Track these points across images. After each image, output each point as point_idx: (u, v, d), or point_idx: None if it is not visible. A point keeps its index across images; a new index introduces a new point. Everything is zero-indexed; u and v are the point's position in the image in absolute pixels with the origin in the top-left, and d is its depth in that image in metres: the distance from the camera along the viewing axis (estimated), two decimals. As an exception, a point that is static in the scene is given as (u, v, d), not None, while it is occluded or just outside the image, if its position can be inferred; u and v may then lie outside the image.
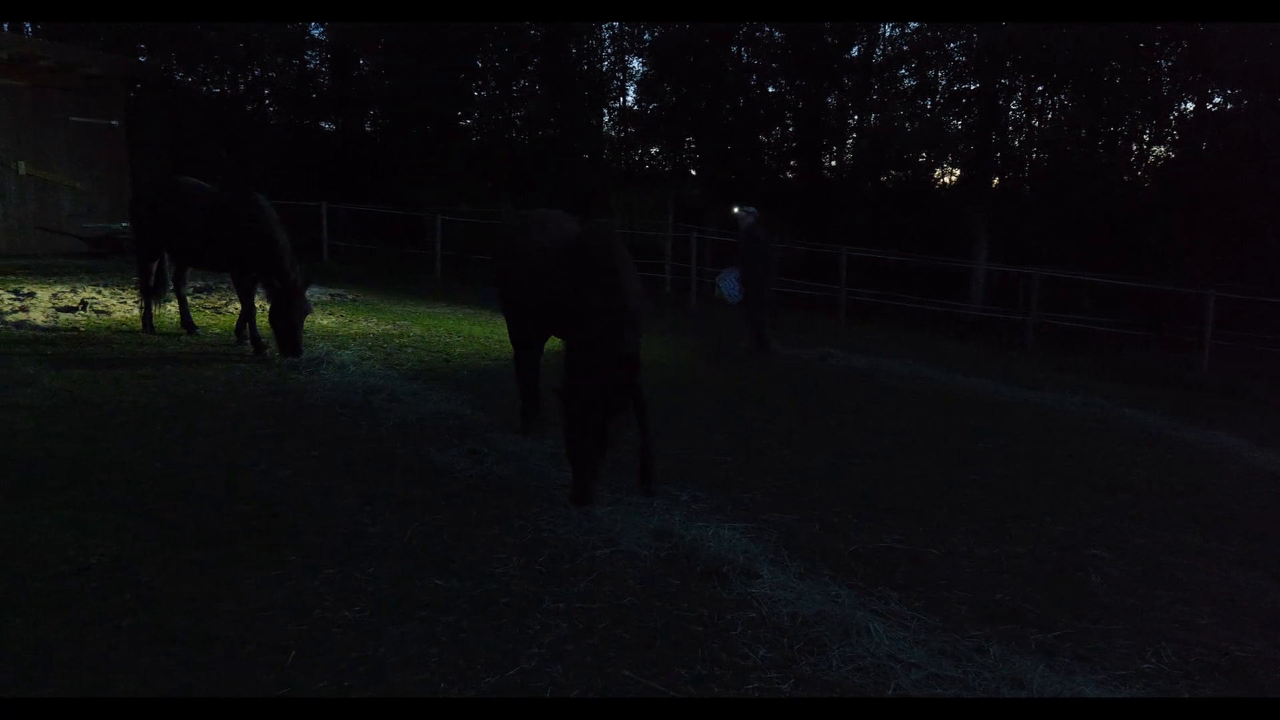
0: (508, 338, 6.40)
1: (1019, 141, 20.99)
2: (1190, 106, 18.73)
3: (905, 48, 21.39)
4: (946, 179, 23.07)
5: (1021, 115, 21.49)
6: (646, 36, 23.85)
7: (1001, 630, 3.70)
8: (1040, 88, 20.27)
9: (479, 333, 10.77)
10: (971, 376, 10.36)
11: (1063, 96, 19.93)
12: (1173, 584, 4.38)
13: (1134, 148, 19.47)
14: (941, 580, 4.21)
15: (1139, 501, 5.78)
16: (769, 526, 4.72)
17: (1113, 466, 6.66)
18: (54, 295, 10.88)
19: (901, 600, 3.91)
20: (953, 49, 19.97)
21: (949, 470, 6.17)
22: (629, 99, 25.74)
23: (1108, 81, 17.88)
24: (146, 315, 9.07)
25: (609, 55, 25.41)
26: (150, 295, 9.08)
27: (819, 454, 6.34)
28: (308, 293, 8.24)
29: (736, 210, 11.22)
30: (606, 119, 26.16)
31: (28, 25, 21.32)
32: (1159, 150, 19.39)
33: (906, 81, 22.27)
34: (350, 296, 13.05)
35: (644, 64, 24.72)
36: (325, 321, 10.54)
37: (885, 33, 21.96)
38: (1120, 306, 16.56)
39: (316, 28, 23.83)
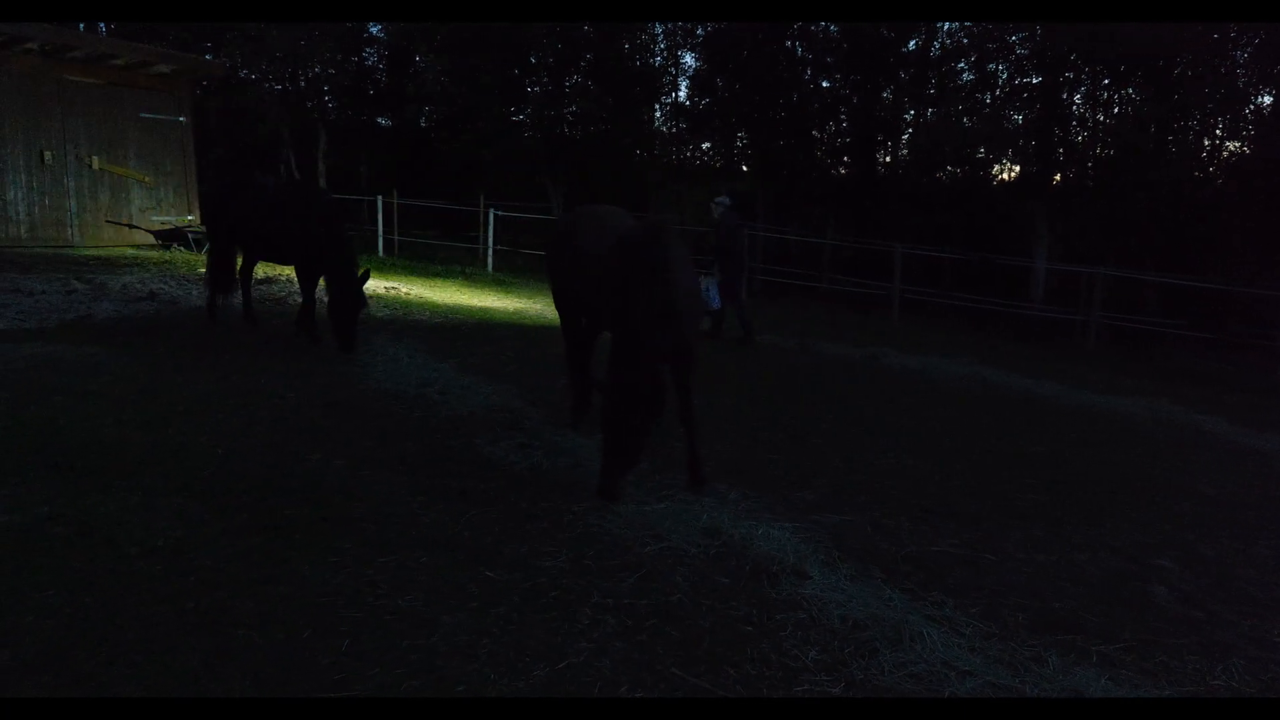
0: (560, 332, 6.44)
1: (1083, 137, 20.36)
2: (1268, 100, 17.97)
3: (965, 40, 20.91)
4: (1005, 175, 22.54)
5: (1085, 109, 20.86)
6: (700, 32, 23.73)
7: (1061, 640, 3.60)
8: (1106, 81, 19.64)
9: (530, 326, 10.86)
10: (1029, 378, 10.12)
11: (1130, 90, 19.29)
12: (1243, 598, 4.22)
13: (1205, 143, 18.76)
14: (997, 587, 4.11)
15: (1207, 511, 5.57)
16: (819, 527, 4.67)
17: (1179, 474, 6.44)
18: (124, 286, 11.27)
19: (956, 606, 3.84)
20: (1014, 41, 19.46)
21: (1005, 474, 6.03)
22: (681, 94, 25.70)
23: (1178, 74, 17.24)
24: (211, 306, 9.34)
25: (661, 51, 25.39)
26: (218, 287, 9.33)
27: (870, 454, 6.25)
28: (364, 287, 8.37)
29: (713, 204, 10.97)
30: (658, 114, 26.14)
31: (102, 26, 22.12)
32: (1233, 145, 18.66)
33: (965, 76, 21.80)
34: (404, 289, 13.26)
35: (697, 59, 24.64)
36: (379, 314, 10.73)
37: (944, 26, 21.51)
38: (1189, 308, 16.00)
39: (375, 26, 24.26)
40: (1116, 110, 19.98)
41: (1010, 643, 3.54)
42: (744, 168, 25.04)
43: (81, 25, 20.70)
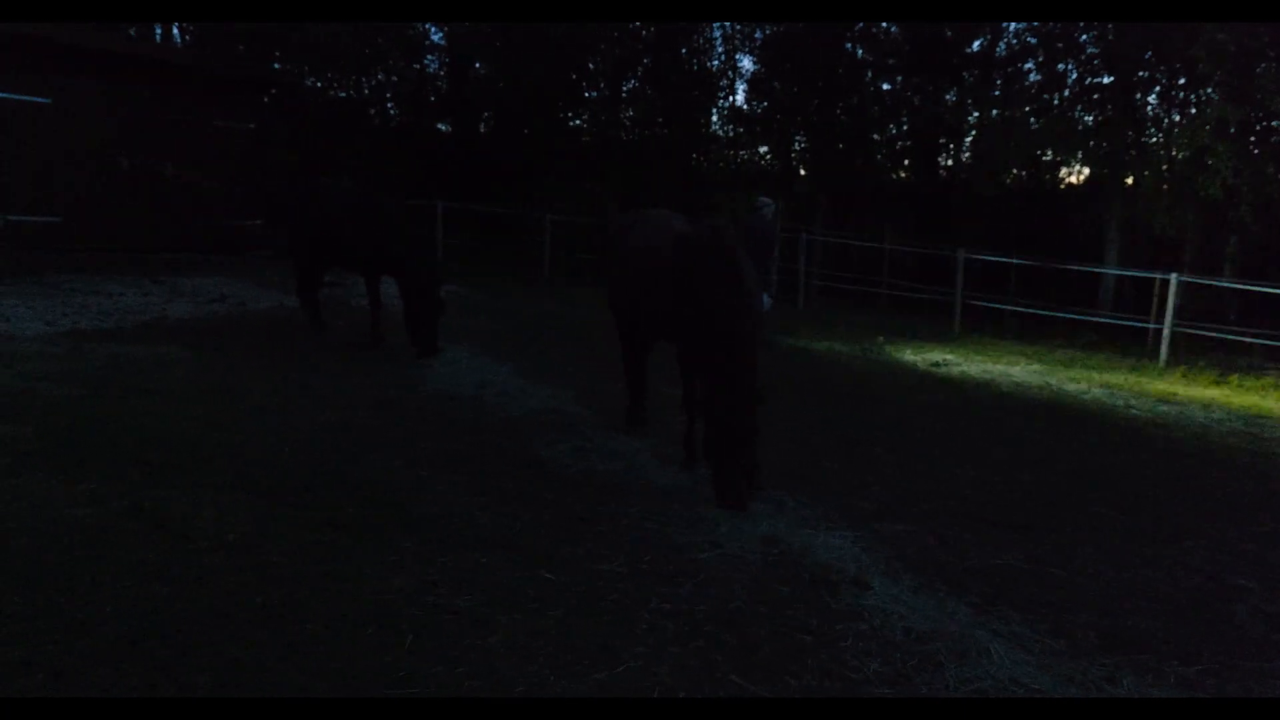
0: (614, 335, 6.45)
1: (1157, 138, 19.64)
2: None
3: (1032, 40, 20.37)
4: (1074, 178, 21.89)
5: (1160, 110, 20.12)
6: (758, 34, 23.61)
7: (1135, 660, 3.46)
8: (1182, 80, 18.92)
9: (585, 331, 10.90)
10: (1098, 388, 9.79)
11: (1209, 90, 18.53)
12: (1333, 621, 4.00)
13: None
14: (1067, 602, 3.97)
15: (1292, 529, 5.31)
16: (879, 537, 4.58)
17: (1259, 491, 6.15)
18: (196, 288, 11.68)
19: (1023, 621, 3.72)
20: (1085, 41, 18.87)
21: (1073, 486, 5.84)
22: (738, 98, 25.57)
23: (1260, 72, 16.51)
24: (314, 315, 9.29)
25: (719, 54, 25.30)
26: (308, 293, 9.32)
27: (931, 463, 6.11)
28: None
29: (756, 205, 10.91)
30: (715, 118, 26.04)
31: (176, 33, 22.98)
32: (1319, 146, 17.75)
33: (1032, 76, 21.23)
34: (463, 293, 13.46)
35: (755, 62, 24.50)
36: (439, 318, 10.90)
37: (1010, 26, 21.01)
38: (1271, 316, 15.28)
39: (436, 32, 24.69)
40: (1193, 111, 19.22)
41: (1081, 661, 3.42)
42: (801, 171, 24.80)
43: (158, 32, 21.55)
